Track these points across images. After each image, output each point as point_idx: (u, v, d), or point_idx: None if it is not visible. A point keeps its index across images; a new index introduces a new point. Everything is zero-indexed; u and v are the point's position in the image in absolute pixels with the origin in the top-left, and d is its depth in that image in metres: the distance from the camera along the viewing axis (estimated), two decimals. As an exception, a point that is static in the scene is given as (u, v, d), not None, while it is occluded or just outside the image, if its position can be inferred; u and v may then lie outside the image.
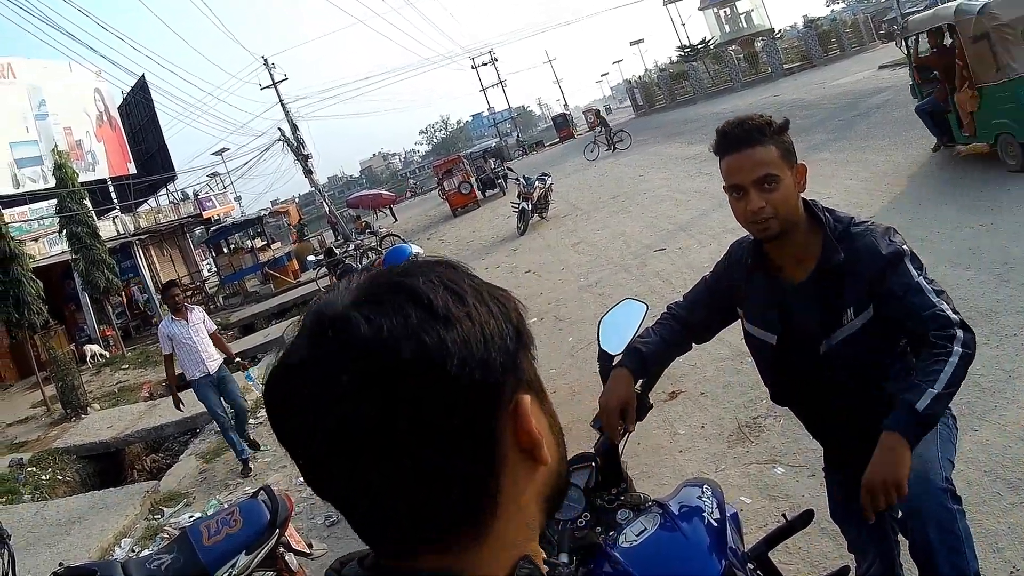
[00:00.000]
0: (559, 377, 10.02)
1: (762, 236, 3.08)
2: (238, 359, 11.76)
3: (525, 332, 1.08)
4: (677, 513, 2.77)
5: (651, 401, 3.30)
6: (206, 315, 11.67)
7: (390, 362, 0.94)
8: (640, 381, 3.23)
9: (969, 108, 12.95)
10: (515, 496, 1.05)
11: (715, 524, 2.74)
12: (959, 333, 2.88)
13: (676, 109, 57.51)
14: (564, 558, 2.65)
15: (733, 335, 3.88)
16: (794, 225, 3.04)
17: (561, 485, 1.16)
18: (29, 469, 14.55)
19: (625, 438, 3.11)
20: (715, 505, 2.83)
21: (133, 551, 9.11)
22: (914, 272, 2.98)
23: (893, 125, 19.34)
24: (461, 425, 0.97)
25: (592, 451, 3.10)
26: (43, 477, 14.32)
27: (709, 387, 8.10)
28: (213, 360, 11.21)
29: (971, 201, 11.47)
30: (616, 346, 3.31)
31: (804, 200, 3.11)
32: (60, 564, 6.13)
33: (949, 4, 13.33)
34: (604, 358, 3.32)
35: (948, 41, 14.36)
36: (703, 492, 2.89)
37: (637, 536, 2.72)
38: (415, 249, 9.84)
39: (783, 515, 3.29)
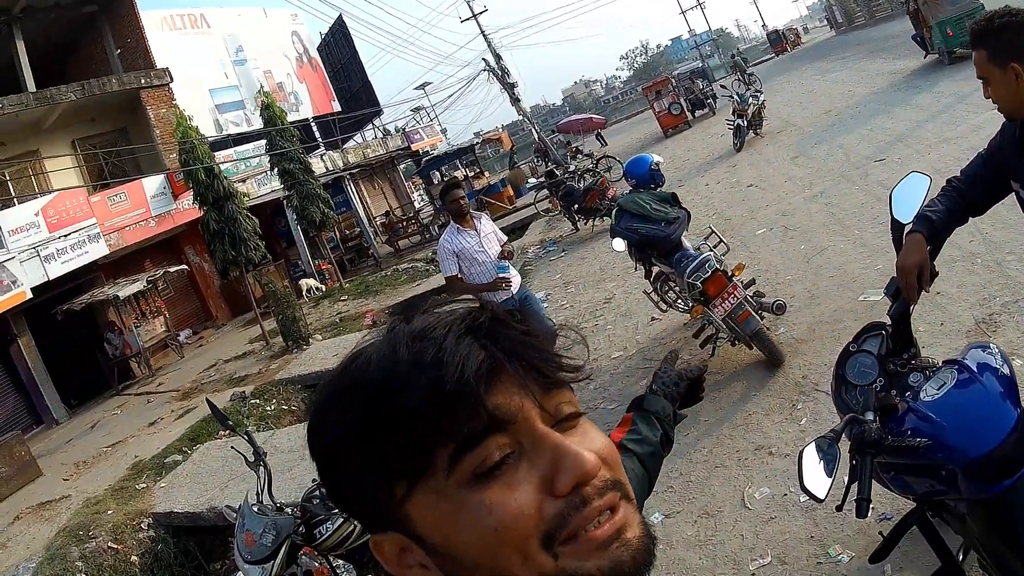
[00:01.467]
0: (796, 283, 10.14)
1: (1014, 119, 3.35)
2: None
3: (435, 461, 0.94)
4: (973, 368, 2.92)
5: (937, 268, 3.39)
6: (494, 224, 9.61)
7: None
8: (929, 247, 3.36)
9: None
10: None
11: (1007, 376, 2.92)
12: None
13: (876, 26, 55.19)
14: (870, 415, 2.86)
15: (961, 238, 4.01)
16: (1021, 110, 3.28)
17: None
18: (252, 401, 15.15)
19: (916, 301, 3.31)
20: (1003, 361, 2.99)
21: None
22: None
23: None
24: None
25: (883, 320, 3.31)
26: (267, 408, 14.93)
27: (944, 287, 8.10)
28: (514, 278, 9.09)
29: None
30: (906, 215, 3.41)
31: None
32: (315, 479, 6.39)
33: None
34: (896, 227, 3.46)
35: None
36: (991, 349, 3.07)
37: (938, 390, 2.90)
38: (655, 158, 9.93)
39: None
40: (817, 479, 2.65)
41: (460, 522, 0.94)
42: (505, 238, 9.65)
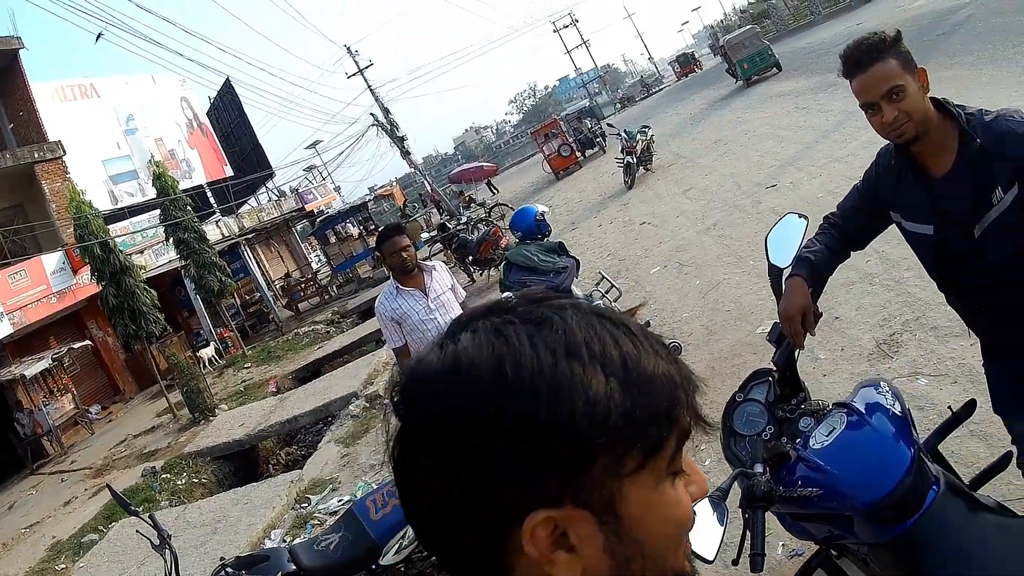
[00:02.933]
0: (693, 319, 10.14)
1: (901, 141, 3.22)
2: None
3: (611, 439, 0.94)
4: (862, 410, 2.85)
5: (820, 310, 3.36)
6: (452, 276, 7.35)
7: (444, 437, 0.94)
8: (811, 289, 3.34)
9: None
10: None
11: (899, 415, 2.83)
12: None
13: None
14: (759, 467, 2.78)
15: (860, 259, 3.96)
16: (927, 124, 3.17)
17: None
18: (163, 476, 15.00)
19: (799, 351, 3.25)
20: (894, 400, 2.91)
21: (284, 540, 9.34)
22: None
23: (979, 40, 19.15)
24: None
25: (769, 366, 3.22)
26: (178, 482, 14.79)
27: (842, 311, 8.12)
28: None
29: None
30: (784, 259, 3.41)
31: (933, 98, 3.22)
32: (221, 558, 6.28)
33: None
34: (774, 272, 3.44)
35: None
36: (881, 387, 2.97)
37: (827, 436, 2.82)
38: (540, 208, 9.82)
39: (949, 407, 3.36)
40: (706, 539, 2.55)
41: (664, 510, 0.99)
42: (464, 296, 7.34)
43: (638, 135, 25.39)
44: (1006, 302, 3.36)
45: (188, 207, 27.44)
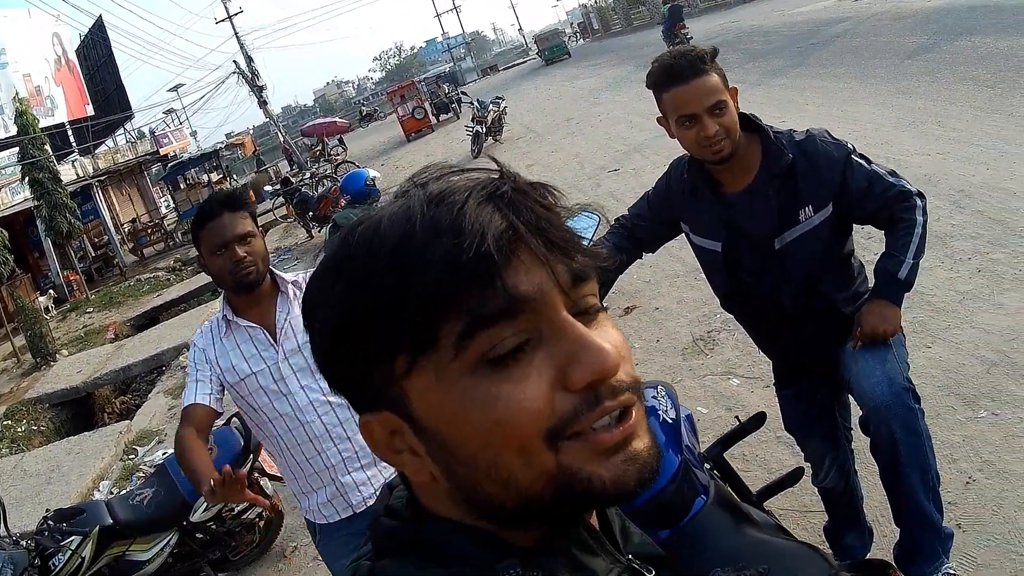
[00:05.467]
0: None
1: (715, 159, 3.22)
2: None
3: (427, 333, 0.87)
4: None
5: (606, 306, 3.37)
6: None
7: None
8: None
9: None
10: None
11: (670, 422, 2.83)
12: (918, 201, 3.27)
13: (633, 33, 57.20)
14: None
15: (687, 252, 4.04)
16: (738, 143, 3.21)
17: (499, 504, 0.91)
18: (5, 423, 14.58)
19: None
20: (669, 405, 2.89)
21: (112, 492, 9.20)
22: (864, 164, 3.31)
23: (853, 54, 19.36)
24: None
25: None
26: (18, 429, 14.36)
27: (663, 303, 8.24)
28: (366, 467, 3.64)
29: (931, 129, 11.64)
30: None
31: (740, 114, 3.27)
32: (47, 510, 6.28)
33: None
34: None
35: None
36: (657, 392, 2.94)
37: None
38: (372, 173, 9.66)
39: (736, 417, 3.45)
40: None
41: (461, 410, 0.87)
42: None
43: (491, 105, 25.41)
44: (794, 327, 3.47)
45: (46, 147, 26.88)
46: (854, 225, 3.45)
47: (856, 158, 3.29)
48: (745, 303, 3.60)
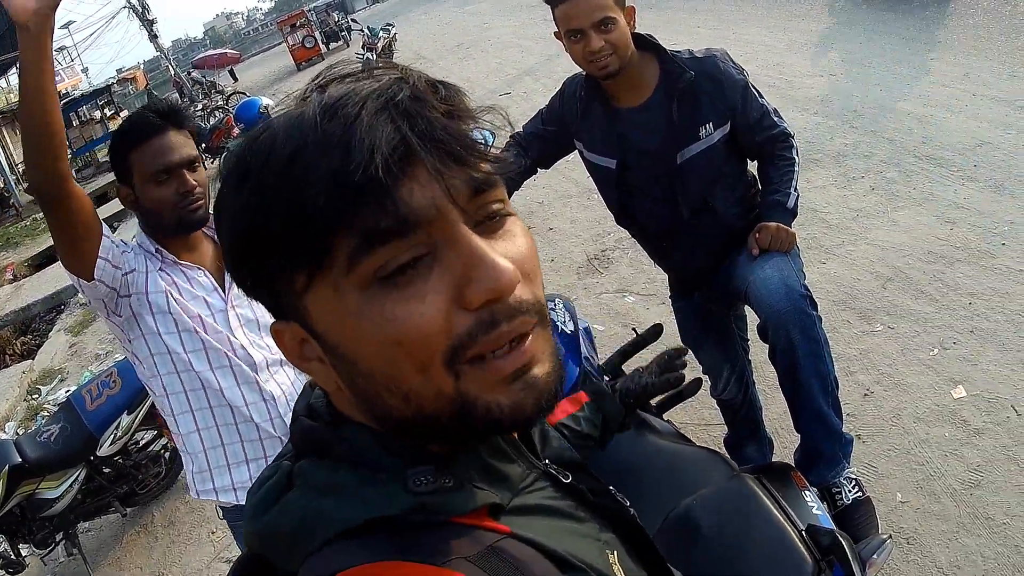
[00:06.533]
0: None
1: (602, 74, 3.25)
2: None
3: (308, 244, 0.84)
4: None
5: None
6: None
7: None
8: None
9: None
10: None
11: (568, 334, 2.89)
12: (794, 143, 3.43)
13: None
14: None
15: (580, 173, 3.99)
16: (630, 60, 3.24)
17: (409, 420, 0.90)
18: None
19: None
20: (568, 317, 2.97)
21: (18, 433, 9.00)
22: (759, 97, 3.39)
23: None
24: None
25: None
26: None
27: (557, 223, 8.26)
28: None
29: (823, 52, 11.80)
30: None
31: (636, 34, 3.29)
32: None
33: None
34: None
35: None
36: (555, 304, 3.01)
37: None
38: (265, 101, 9.39)
39: (633, 329, 3.44)
40: None
41: (358, 327, 0.84)
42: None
43: (381, 32, 25.33)
44: (688, 239, 3.54)
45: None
46: None
47: (752, 89, 3.37)
48: (639, 218, 3.63)
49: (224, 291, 2.99)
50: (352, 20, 40.81)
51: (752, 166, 3.56)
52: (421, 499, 0.87)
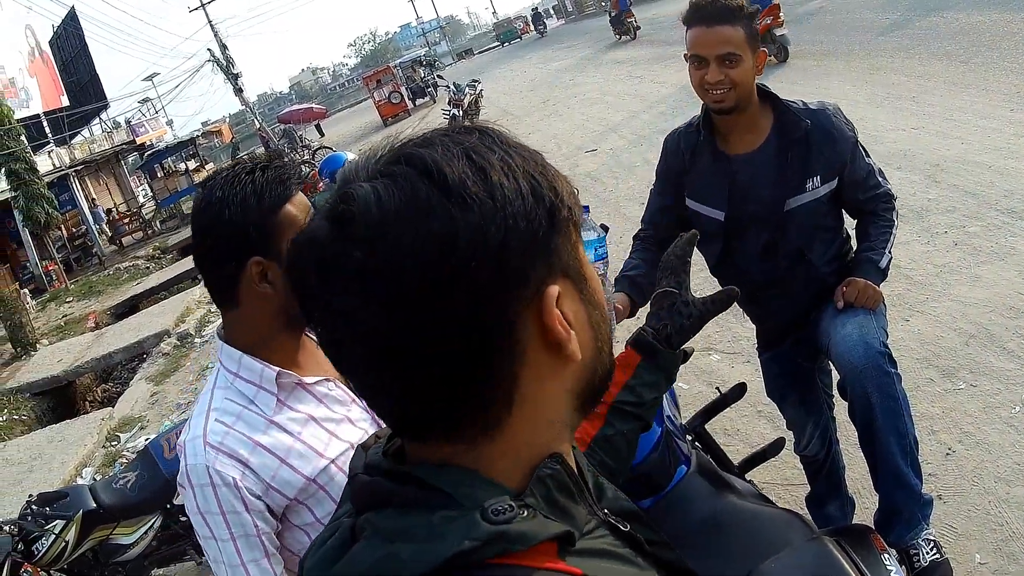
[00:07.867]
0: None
1: (716, 106, 3.27)
2: None
3: (563, 213, 0.93)
4: None
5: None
6: None
7: (392, 250, 0.84)
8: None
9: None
10: (536, 392, 0.94)
11: None
12: (895, 205, 3.45)
13: (606, 15, 57.48)
14: None
15: None
16: (748, 101, 3.27)
17: (597, 382, 1.02)
18: None
19: None
20: None
21: (95, 479, 9.10)
22: (866, 156, 3.41)
23: (827, 32, 19.46)
24: (469, 319, 0.86)
25: None
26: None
27: (643, 282, 8.24)
28: None
29: (905, 105, 11.72)
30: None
31: (758, 84, 3.33)
32: (31, 495, 6.24)
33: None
34: None
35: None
36: None
37: None
38: (350, 156, 9.55)
39: (717, 389, 3.47)
40: None
41: (591, 272, 1.01)
42: None
43: (467, 88, 25.51)
44: (780, 290, 3.53)
45: (21, 137, 26.75)
46: None
47: (861, 148, 3.39)
48: (739, 267, 3.59)
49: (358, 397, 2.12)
50: (438, 76, 41.26)
51: (849, 222, 3.56)
52: (500, 528, 0.86)
